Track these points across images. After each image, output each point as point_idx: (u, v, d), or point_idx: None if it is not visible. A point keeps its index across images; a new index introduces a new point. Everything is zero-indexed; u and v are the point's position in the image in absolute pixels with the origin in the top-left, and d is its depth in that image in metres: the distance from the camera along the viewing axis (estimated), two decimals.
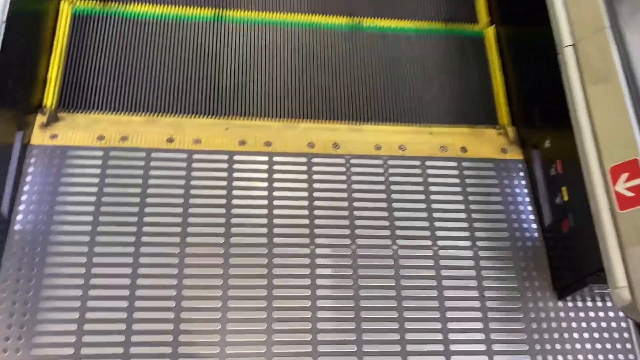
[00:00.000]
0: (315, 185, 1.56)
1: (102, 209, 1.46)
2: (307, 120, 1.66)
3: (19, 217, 1.43)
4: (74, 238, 1.42)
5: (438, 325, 1.43)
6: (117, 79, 1.65)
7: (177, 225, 1.46)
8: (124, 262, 1.41)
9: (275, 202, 1.52)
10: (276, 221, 1.50)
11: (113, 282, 1.38)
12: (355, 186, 1.57)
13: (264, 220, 1.50)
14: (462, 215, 1.57)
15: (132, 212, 1.46)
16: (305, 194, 1.55)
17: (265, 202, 1.52)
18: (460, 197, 1.59)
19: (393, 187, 1.58)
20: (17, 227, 1.41)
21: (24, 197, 1.45)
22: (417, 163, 1.63)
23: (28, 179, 1.47)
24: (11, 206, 1.42)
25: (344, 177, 1.58)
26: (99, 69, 1.65)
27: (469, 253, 1.52)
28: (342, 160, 1.61)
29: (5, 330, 1.31)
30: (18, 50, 1.42)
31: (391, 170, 1.61)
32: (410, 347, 1.40)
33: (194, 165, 1.54)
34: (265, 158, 1.58)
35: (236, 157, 1.57)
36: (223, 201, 1.51)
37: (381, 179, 1.59)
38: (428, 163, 1.63)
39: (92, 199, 1.47)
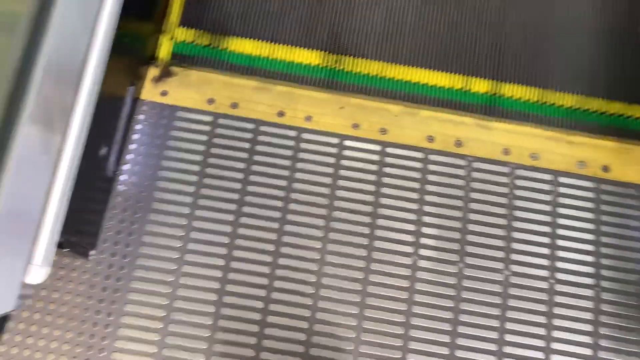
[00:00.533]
0: (429, 188, 1.42)
1: (205, 181, 1.41)
2: (429, 109, 1.49)
3: (123, 177, 1.41)
4: (174, 208, 1.39)
5: None
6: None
7: (276, 210, 1.39)
8: (220, 241, 1.37)
9: (382, 200, 1.40)
10: (379, 222, 1.39)
11: (207, 260, 1.36)
12: (473, 195, 1.42)
13: (367, 219, 1.39)
14: (590, 248, 1.38)
15: (234, 188, 1.40)
16: (415, 195, 1.41)
17: (372, 197, 1.41)
18: (591, 226, 1.40)
19: (516, 203, 1.41)
20: (120, 187, 1.40)
21: (129, 157, 1.42)
22: (549, 177, 1.43)
23: (135, 136, 1.44)
24: (117, 165, 1.40)
25: (462, 182, 1.42)
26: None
27: (590, 293, 1.35)
28: (463, 162, 1.44)
29: (100, 292, 1.33)
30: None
31: (517, 182, 1.43)
32: None
33: (302, 145, 1.44)
34: (378, 147, 1.45)
35: (347, 143, 1.45)
36: (327, 190, 1.41)
37: (504, 190, 1.42)
38: (561, 179, 1.43)
39: (197, 167, 1.42)
